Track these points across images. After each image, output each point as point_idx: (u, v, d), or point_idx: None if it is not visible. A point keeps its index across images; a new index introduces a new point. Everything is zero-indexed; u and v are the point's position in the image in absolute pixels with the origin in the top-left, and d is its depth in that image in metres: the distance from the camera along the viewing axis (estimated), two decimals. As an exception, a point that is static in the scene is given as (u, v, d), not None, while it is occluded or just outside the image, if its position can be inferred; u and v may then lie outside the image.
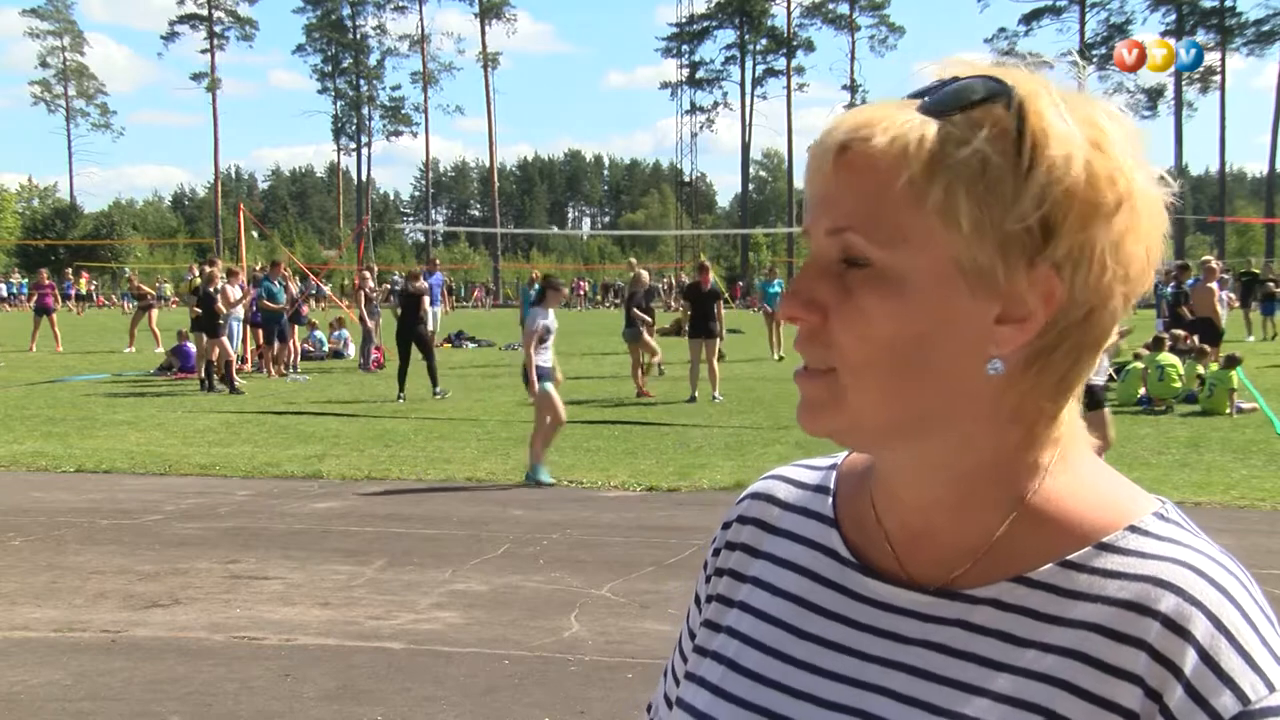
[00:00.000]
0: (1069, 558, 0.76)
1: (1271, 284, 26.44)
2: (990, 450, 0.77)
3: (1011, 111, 0.72)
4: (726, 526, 0.95)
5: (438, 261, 24.34)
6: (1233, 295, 23.89)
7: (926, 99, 0.74)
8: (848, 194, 0.75)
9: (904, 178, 0.73)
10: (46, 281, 26.78)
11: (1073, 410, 0.80)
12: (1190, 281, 18.41)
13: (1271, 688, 0.70)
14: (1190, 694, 0.70)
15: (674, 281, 46.08)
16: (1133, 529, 0.76)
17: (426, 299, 16.37)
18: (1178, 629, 0.71)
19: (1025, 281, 0.73)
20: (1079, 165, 0.71)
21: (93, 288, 56.71)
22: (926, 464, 0.79)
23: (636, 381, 15.76)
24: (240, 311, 18.08)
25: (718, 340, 15.22)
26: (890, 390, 0.75)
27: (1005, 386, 0.75)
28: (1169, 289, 19.90)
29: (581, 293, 57.06)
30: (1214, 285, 16.72)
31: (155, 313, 25.62)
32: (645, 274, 17.37)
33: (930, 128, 0.73)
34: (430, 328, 22.78)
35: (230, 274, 17.78)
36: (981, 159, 0.71)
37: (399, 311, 16.12)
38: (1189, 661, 0.70)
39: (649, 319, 16.58)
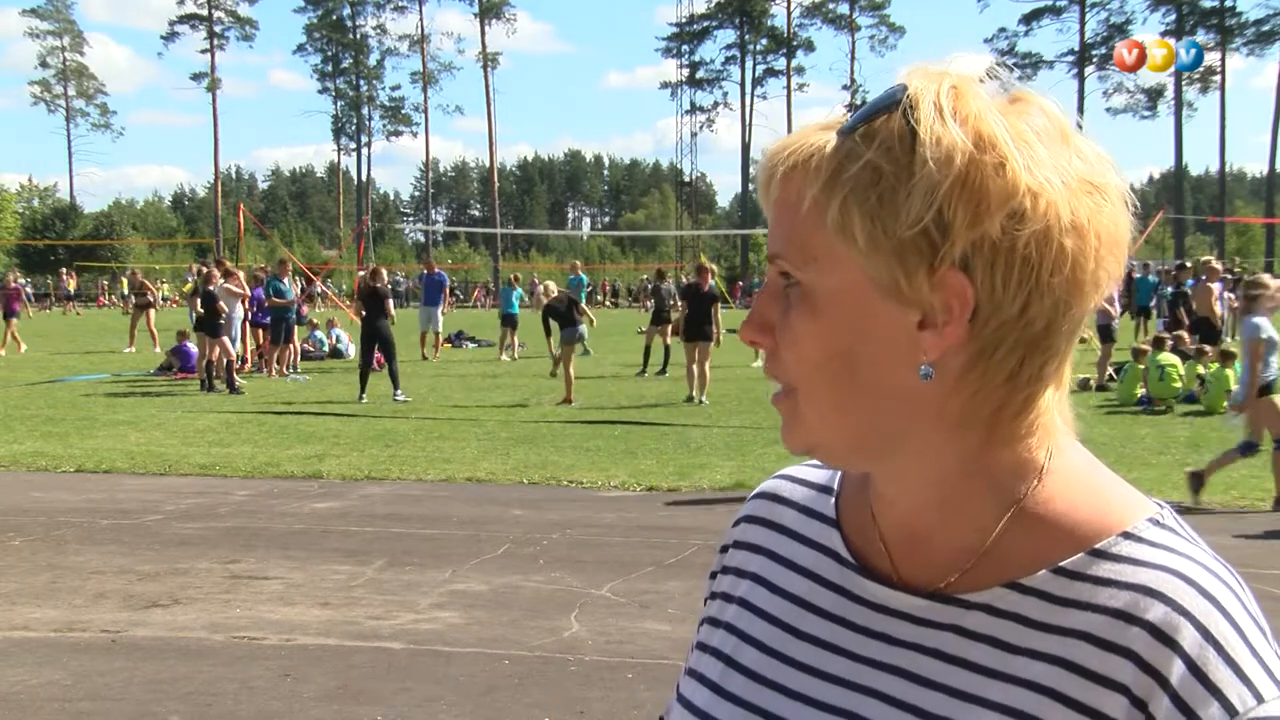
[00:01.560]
0: (1062, 564, 0.75)
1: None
2: (954, 456, 0.77)
3: (903, 117, 0.72)
4: (735, 526, 0.96)
5: (434, 261, 24.16)
6: (1232, 296, 23.86)
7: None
8: (775, 220, 0.78)
9: (808, 199, 0.74)
10: (13, 285, 25.92)
11: (1053, 406, 0.78)
12: (1190, 281, 18.41)
13: (1260, 699, 0.69)
14: (1177, 704, 0.69)
15: (674, 281, 46.06)
16: (1127, 535, 0.75)
17: (390, 301, 15.93)
18: (1165, 639, 0.70)
19: (927, 285, 0.72)
20: (959, 163, 0.70)
21: (101, 287, 56.51)
22: (900, 473, 0.79)
23: (567, 386, 14.88)
24: (239, 311, 18.06)
25: (711, 344, 15.09)
26: (833, 406, 0.76)
27: (949, 391, 0.75)
28: (1169, 289, 19.91)
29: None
30: (1214, 285, 16.71)
31: (154, 313, 25.57)
32: (551, 286, 16.92)
33: (830, 146, 0.74)
34: (435, 329, 22.90)
35: (228, 274, 17.76)
36: (874, 170, 0.72)
37: (363, 312, 15.55)
38: (1176, 672, 0.69)
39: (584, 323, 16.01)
